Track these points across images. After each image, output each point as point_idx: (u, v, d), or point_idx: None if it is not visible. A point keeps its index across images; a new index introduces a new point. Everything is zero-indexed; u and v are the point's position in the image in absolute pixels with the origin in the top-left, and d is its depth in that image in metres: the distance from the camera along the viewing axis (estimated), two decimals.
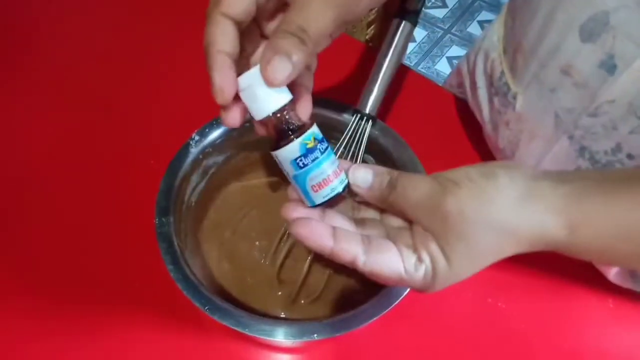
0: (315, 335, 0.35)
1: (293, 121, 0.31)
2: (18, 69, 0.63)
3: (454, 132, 0.60)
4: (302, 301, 0.44)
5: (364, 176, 0.32)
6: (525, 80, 0.44)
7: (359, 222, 0.32)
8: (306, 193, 0.31)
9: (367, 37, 0.90)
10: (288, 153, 0.30)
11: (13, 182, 0.53)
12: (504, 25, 0.49)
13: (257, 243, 0.47)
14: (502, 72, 0.48)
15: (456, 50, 1.75)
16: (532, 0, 0.42)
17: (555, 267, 0.51)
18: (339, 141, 0.44)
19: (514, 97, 0.46)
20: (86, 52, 0.65)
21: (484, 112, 0.52)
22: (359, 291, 0.44)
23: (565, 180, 0.27)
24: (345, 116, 0.45)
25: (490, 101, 0.50)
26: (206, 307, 0.35)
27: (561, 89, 0.41)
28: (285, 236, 0.46)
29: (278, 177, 0.51)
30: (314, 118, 0.33)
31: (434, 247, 0.28)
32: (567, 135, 0.42)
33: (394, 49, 0.44)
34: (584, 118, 0.39)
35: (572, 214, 0.26)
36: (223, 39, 0.29)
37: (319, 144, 0.31)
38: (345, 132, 0.44)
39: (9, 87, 0.61)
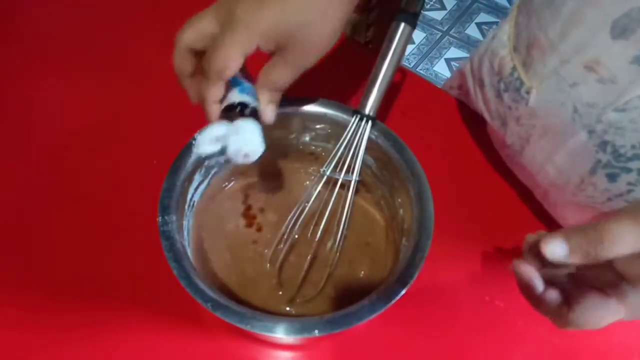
0: (317, 331, 0.35)
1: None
2: (20, 66, 0.63)
3: (453, 132, 0.61)
4: (303, 299, 0.45)
5: (560, 248, 0.31)
6: (541, 75, 0.44)
7: None
8: None
9: (366, 39, 0.90)
10: None
11: (15, 181, 0.54)
12: (515, 24, 0.50)
13: (258, 241, 0.48)
14: (514, 68, 0.48)
15: (454, 52, 1.76)
16: None
17: None
18: (338, 142, 0.44)
19: (527, 92, 0.46)
20: (89, 51, 0.65)
21: (492, 109, 0.52)
22: (359, 288, 0.45)
23: None
24: (346, 117, 0.46)
25: (499, 97, 0.50)
26: (208, 304, 0.36)
27: (583, 84, 0.41)
28: (287, 234, 0.46)
29: (278, 177, 0.51)
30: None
31: None
32: (586, 130, 0.42)
33: (394, 51, 0.44)
34: (609, 113, 0.39)
35: None
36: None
37: None
38: (345, 133, 0.44)
39: (11, 85, 0.61)
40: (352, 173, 0.45)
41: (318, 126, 0.48)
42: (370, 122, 0.44)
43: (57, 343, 0.45)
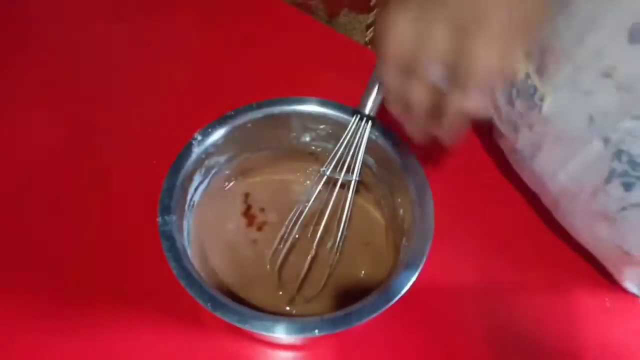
0: (317, 331, 0.35)
1: None
2: (20, 67, 0.63)
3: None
4: (303, 299, 0.45)
5: None
6: (556, 82, 0.44)
7: None
8: None
9: (366, 39, 0.91)
10: None
11: (15, 181, 0.54)
12: None
13: (258, 241, 0.48)
14: (528, 75, 0.47)
15: None
16: (569, 1, 0.41)
17: (552, 266, 0.51)
18: (338, 142, 0.44)
19: (541, 99, 0.45)
20: (89, 51, 0.65)
21: (502, 114, 0.52)
22: (359, 288, 0.45)
23: None
24: (346, 117, 0.46)
25: (510, 103, 0.50)
26: (208, 304, 0.36)
27: (600, 91, 0.40)
28: (287, 234, 0.46)
29: (279, 176, 0.51)
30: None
31: None
32: (602, 138, 0.41)
33: None
34: (627, 121, 0.39)
35: None
36: None
37: None
38: (345, 133, 0.44)
39: (11, 85, 0.61)
40: (352, 173, 0.45)
41: (318, 126, 0.48)
42: (370, 122, 0.44)
43: (56, 342, 0.45)
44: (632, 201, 0.42)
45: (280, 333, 0.35)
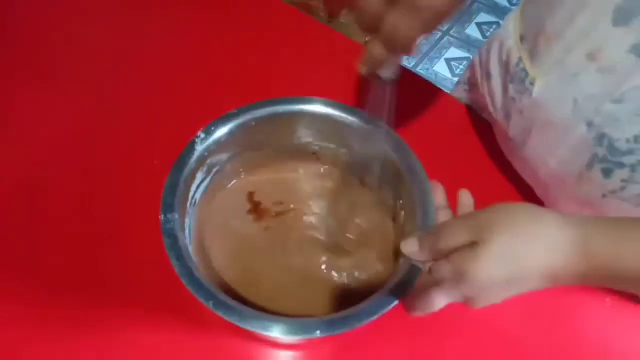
0: (318, 332, 0.35)
1: None
2: (21, 66, 0.63)
3: (454, 133, 0.61)
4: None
5: (411, 246, 0.35)
6: (546, 65, 0.44)
7: None
8: None
9: (366, 39, 0.90)
10: None
11: (17, 180, 0.54)
12: (522, 13, 0.50)
13: (259, 240, 0.48)
14: (520, 59, 0.47)
15: (455, 52, 1.76)
16: None
17: None
18: (339, 142, 0.44)
19: (532, 83, 0.46)
20: (91, 50, 0.65)
21: (497, 101, 0.52)
22: (360, 290, 0.45)
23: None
24: (347, 117, 0.46)
25: (505, 89, 0.50)
26: (210, 303, 0.36)
27: (584, 74, 0.41)
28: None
29: (281, 175, 0.51)
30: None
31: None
32: (586, 122, 0.41)
33: None
34: (607, 104, 0.39)
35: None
36: None
37: None
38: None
39: (12, 86, 0.61)
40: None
41: (320, 126, 0.48)
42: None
43: (58, 340, 0.45)
44: (610, 188, 0.42)
45: (281, 333, 0.35)
